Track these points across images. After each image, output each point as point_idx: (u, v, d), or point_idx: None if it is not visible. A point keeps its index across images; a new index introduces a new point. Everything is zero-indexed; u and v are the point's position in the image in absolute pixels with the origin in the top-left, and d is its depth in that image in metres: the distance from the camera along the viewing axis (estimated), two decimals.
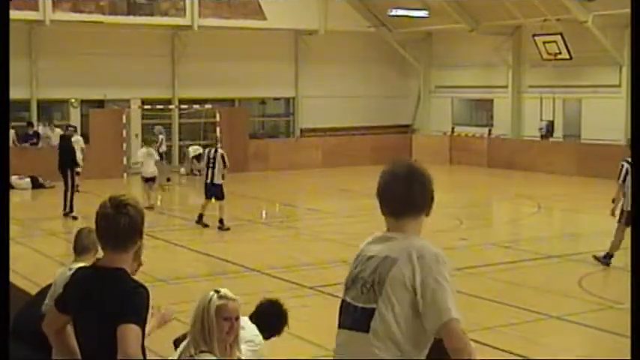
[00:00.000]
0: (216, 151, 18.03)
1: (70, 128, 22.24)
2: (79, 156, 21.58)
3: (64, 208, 19.38)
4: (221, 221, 17.55)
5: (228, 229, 17.38)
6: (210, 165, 17.82)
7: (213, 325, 4.64)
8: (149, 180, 20.87)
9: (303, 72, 32.63)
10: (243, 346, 5.18)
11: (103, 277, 4.05)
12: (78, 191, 20.79)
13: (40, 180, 24.68)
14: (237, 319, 4.78)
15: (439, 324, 3.45)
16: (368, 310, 3.52)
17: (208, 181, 17.88)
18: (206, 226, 17.78)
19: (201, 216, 17.95)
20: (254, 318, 6.06)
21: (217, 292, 4.78)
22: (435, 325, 3.46)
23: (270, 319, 6.16)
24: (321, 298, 11.71)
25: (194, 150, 27.36)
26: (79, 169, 21.68)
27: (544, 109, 29.94)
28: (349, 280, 3.72)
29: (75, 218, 18.84)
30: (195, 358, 4.61)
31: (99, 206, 4.10)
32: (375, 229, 3.82)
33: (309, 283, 12.70)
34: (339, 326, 3.71)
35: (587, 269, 13.73)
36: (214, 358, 4.61)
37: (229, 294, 4.80)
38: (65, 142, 20.43)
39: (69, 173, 19.63)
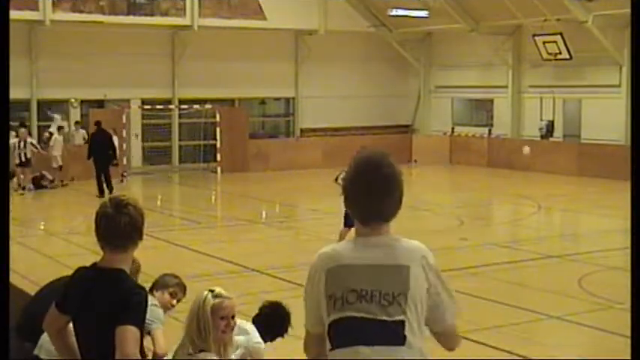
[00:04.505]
0: None
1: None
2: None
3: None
4: None
5: None
6: None
7: (209, 325, 4.63)
8: None
9: (303, 72, 32.61)
10: (242, 351, 5.16)
11: (102, 277, 4.04)
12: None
13: (42, 181, 24.64)
14: (234, 317, 4.77)
15: (444, 325, 3.49)
16: (397, 323, 3.36)
17: None
18: None
19: None
20: (257, 321, 6.04)
21: (212, 291, 4.77)
22: (441, 327, 3.49)
23: (275, 321, 6.14)
24: None
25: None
26: None
27: (544, 109, 29.91)
28: (344, 294, 3.48)
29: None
30: (195, 358, 4.60)
31: (99, 206, 4.10)
32: None
33: None
34: (353, 343, 3.39)
35: (587, 269, 13.72)
36: (214, 357, 4.60)
37: (224, 292, 4.78)
38: None
39: None
